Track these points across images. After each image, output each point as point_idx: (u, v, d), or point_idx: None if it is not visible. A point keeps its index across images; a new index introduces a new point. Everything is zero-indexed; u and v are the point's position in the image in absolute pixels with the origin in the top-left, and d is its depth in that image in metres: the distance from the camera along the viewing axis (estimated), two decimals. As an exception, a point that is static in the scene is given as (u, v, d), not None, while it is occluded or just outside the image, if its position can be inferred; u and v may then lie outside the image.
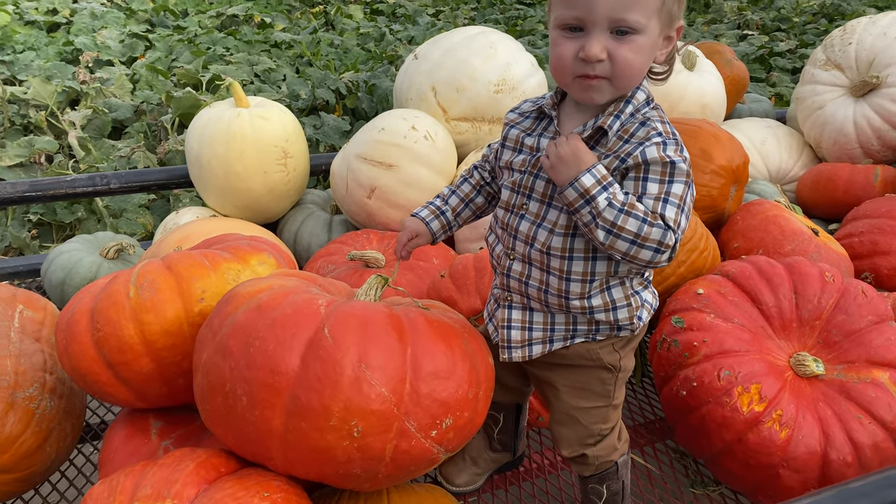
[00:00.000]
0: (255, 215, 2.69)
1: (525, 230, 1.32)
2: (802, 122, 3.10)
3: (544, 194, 1.30)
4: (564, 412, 1.47)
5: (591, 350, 1.40)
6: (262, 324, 1.21)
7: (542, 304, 1.37)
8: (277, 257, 1.68)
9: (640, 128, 1.22)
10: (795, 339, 1.79)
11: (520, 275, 1.36)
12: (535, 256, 1.32)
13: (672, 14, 1.20)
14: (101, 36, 6.61)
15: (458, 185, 1.54)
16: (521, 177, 1.33)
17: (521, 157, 1.34)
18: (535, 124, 1.37)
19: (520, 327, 1.42)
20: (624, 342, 1.43)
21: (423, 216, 1.50)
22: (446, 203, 1.52)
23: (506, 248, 1.38)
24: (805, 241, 2.11)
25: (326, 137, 4.85)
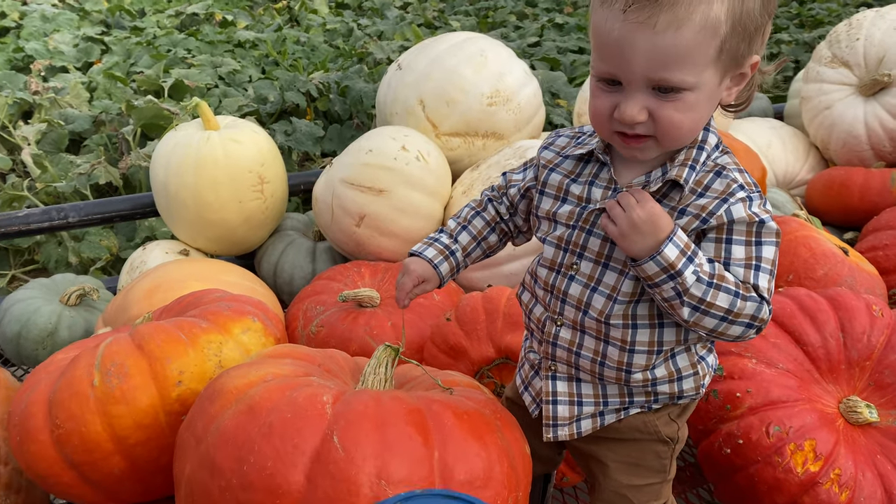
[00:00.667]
0: (230, 247, 2.46)
1: (577, 294, 1.13)
2: (808, 122, 2.94)
3: (600, 254, 1.11)
4: (613, 491, 1.27)
5: (647, 423, 1.22)
6: (257, 432, 1.00)
7: (594, 375, 1.19)
8: (264, 320, 1.46)
9: (715, 178, 1.04)
10: (844, 382, 1.62)
11: (569, 343, 1.17)
12: (589, 325, 1.14)
13: (738, 55, 0.99)
14: (54, 40, 6.25)
15: (469, 220, 1.29)
16: (570, 232, 1.13)
17: (568, 209, 1.14)
18: (580, 167, 1.16)
19: (567, 402, 1.22)
20: (680, 410, 1.26)
21: (430, 257, 1.25)
22: (455, 241, 1.28)
23: (551, 312, 1.18)
24: (838, 263, 1.94)
25: (299, 144, 4.59)
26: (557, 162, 1.19)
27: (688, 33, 0.92)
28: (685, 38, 0.92)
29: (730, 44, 0.96)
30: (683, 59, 0.94)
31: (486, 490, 1.02)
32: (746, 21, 0.96)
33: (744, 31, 0.96)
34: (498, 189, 1.32)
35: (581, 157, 1.16)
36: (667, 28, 0.92)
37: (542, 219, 1.20)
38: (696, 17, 0.92)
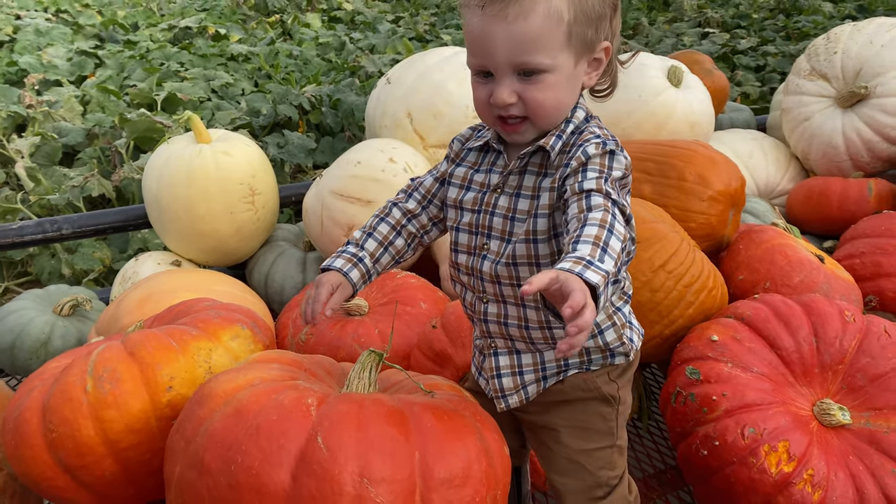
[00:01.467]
0: (222, 258, 2.50)
1: (489, 270, 1.24)
2: (789, 133, 3.01)
3: (503, 231, 1.23)
4: (566, 458, 1.33)
5: (587, 380, 1.31)
6: (244, 433, 1.04)
7: (527, 342, 1.29)
8: (252, 327, 1.50)
9: (576, 137, 1.19)
10: (818, 385, 1.67)
11: (497, 316, 1.28)
12: (507, 293, 1.25)
13: (588, 41, 1.15)
14: (48, 54, 6.30)
15: (374, 227, 1.35)
16: (477, 216, 1.26)
17: (472, 195, 1.27)
18: (481, 157, 1.30)
19: (510, 373, 1.32)
20: (619, 371, 1.34)
21: (339, 266, 1.29)
22: (362, 248, 1.32)
23: (476, 292, 1.29)
24: (813, 270, 1.99)
25: (291, 157, 4.64)
26: (463, 155, 1.33)
27: (535, 21, 1.07)
28: (534, 25, 1.08)
29: (576, 30, 1.11)
30: (536, 44, 1.09)
31: (465, 488, 1.07)
32: (588, 10, 1.12)
33: (587, 19, 1.12)
34: (407, 189, 1.40)
35: (480, 148, 1.30)
36: (517, 18, 1.07)
37: (449, 207, 1.31)
38: (540, 7, 1.07)
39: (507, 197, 1.23)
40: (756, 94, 5.92)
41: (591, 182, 1.08)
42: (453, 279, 1.36)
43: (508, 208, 1.22)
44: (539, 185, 1.21)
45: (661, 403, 1.76)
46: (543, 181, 1.20)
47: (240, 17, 8.66)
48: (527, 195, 1.21)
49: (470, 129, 1.36)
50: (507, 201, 1.22)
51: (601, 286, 0.94)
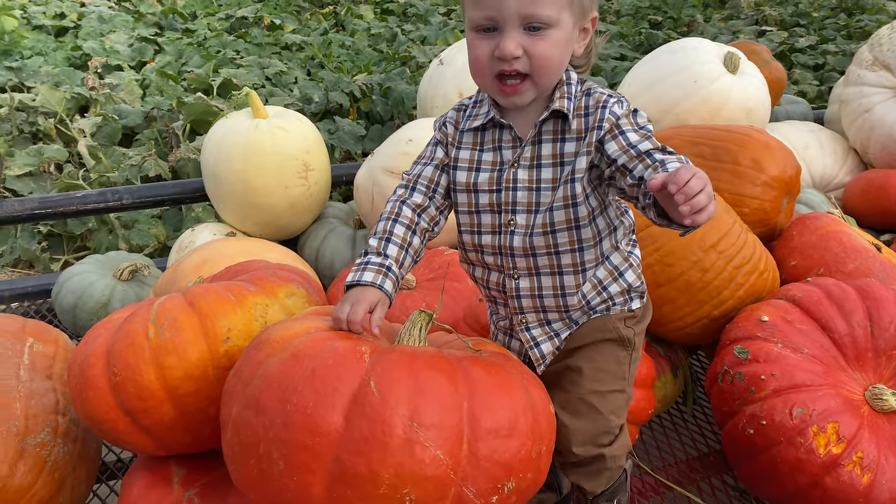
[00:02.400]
0: (276, 231, 2.56)
1: (521, 244, 1.26)
2: (848, 125, 2.94)
3: (529, 203, 1.25)
4: (580, 398, 1.34)
5: (606, 321, 1.35)
6: (300, 376, 1.08)
7: (560, 311, 1.33)
8: (307, 287, 1.54)
9: (588, 99, 1.23)
10: (871, 370, 1.64)
11: (530, 290, 1.31)
12: (542, 263, 1.28)
13: (584, 6, 1.20)
14: (110, 40, 6.49)
15: (390, 230, 1.29)
16: (496, 195, 1.26)
17: (486, 175, 1.27)
18: (481, 136, 1.30)
19: (546, 339, 1.37)
20: (636, 320, 1.39)
21: (371, 280, 1.22)
22: (386, 256, 1.26)
23: (505, 270, 1.31)
24: (869, 258, 1.95)
25: (342, 143, 4.71)
26: (459, 138, 1.31)
27: None
28: None
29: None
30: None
31: (511, 439, 1.08)
32: None
33: None
34: (406, 183, 1.35)
35: (479, 128, 1.30)
36: None
37: (460, 192, 1.30)
38: None
39: (526, 169, 1.24)
40: (814, 92, 5.78)
41: (645, 143, 1.16)
42: (471, 263, 1.36)
43: (531, 180, 1.24)
44: (561, 150, 1.23)
45: (707, 383, 1.75)
46: (565, 146, 1.23)
47: (294, 8, 8.79)
48: (548, 163, 1.24)
49: (454, 110, 1.35)
50: (528, 173, 1.24)
51: None
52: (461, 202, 1.31)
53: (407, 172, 1.37)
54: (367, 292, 1.21)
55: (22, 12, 7.31)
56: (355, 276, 1.23)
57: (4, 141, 4.70)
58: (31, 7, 7.67)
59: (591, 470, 1.38)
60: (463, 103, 1.35)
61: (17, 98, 4.86)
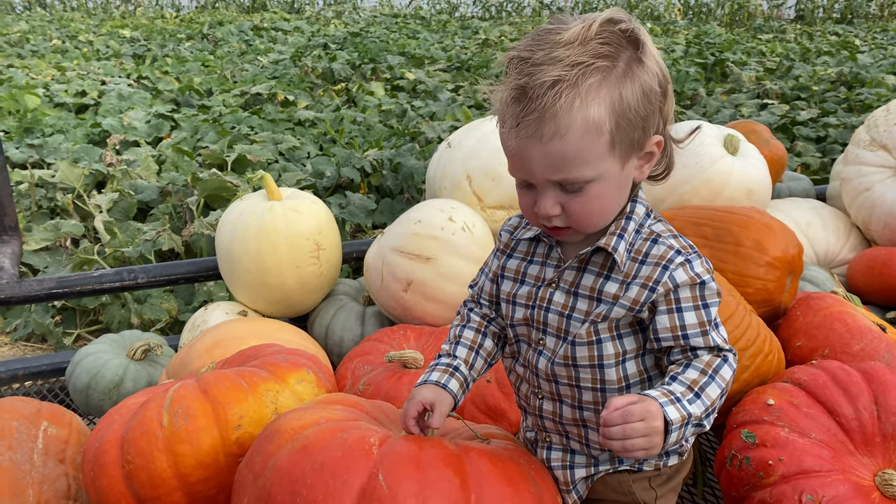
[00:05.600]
0: (286, 309, 2.60)
1: (545, 367, 1.23)
2: (849, 203, 2.99)
3: (559, 328, 1.21)
4: None
5: (622, 482, 1.28)
6: (309, 468, 1.10)
7: (582, 443, 1.28)
8: (317, 372, 1.57)
9: (652, 245, 1.15)
10: (879, 455, 1.64)
11: (552, 414, 1.28)
12: (564, 392, 1.24)
13: (635, 141, 1.09)
14: (128, 117, 6.71)
15: (460, 335, 1.34)
16: (532, 311, 1.24)
17: (526, 290, 1.25)
18: (533, 248, 1.27)
19: (561, 467, 1.32)
20: (664, 479, 1.31)
21: (436, 379, 1.26)
22: (455, 357, 1.31)
23: (532, 386, 1.29)
24: (875, 339, 1.97)
25: (352, 217, 4.81)
26: (513, 245, 1.29)
27: (573, 138, 1.02)
28: (572, 142, 1.02)
29: (620, 136, 1.06)
30: (576, 160, 1.04)
31: (519, 532, 1.09)
32: (631, 114, 1.05)
33: (631, 124, 1.06)
34: (472, 297, 1.39)
35: (531, 239, 1.26)
36: (552, 138, 1.02)
37: (503, 301, 1.29)
38: (577, 123, 1.01)
39: (563, 293, 1.20)
40: (817, 164, 5.87)
41: (697, 337, 1.13)
42: (510, 370, 1.36)
43: (565, 305, 1.19)
44: (601, 287, 1.16)
45: (716, 467, 1.75)
46: (606, 284, 1.16)
47: (307, 84, 9.08)
48: (585, 294, 1.18)
49: (518, 216, 1.31)
50: (564, 298, 1.20)
51: (677, 424, 1.04)
52: (503, 312, 1.30)
53: (473, 283, 1.38)
54: (426, 390, 1.25)
55: (45, 90, 7.59)
56: (425, 377, 1.28)
57: (23, 216, 4.81)
58: (54, 85, 7.97)
59: None
60: None
61: (37, 174, 5.00)
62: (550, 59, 1.01)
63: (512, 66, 1.05)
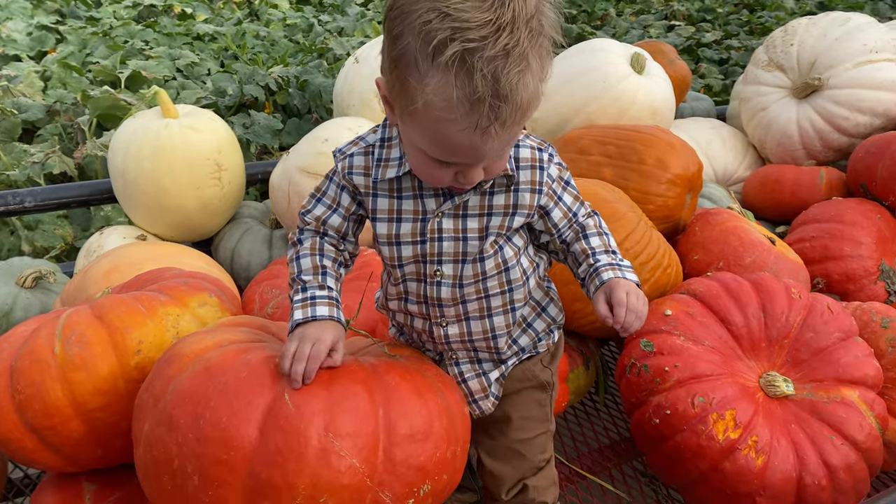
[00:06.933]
0: (188, 233, 2.50)
1: (449, 294, 1.23)
2: (746, 122, 3.10)
3: (456, 254, 1.20)
4: (507, 447, 1.39)
5: (525, 370, 1.37)
6: (213, 390, 1.07)
7: (491, 352, 1.32)
8: (220, 295, 1.53)
9: (518, 151, 1.19)
10: (765, 358, 1.75)
11: (460, 336, 1.29)
12: (472, 308, 1.26)
13: None
14: (7, 28, 6.15)
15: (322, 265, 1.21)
16: (422, 247, 1.20)
17: (409, 227, 1.18)
18: (397, 184, 1.18)
19: (475, 376, 1.35)
20: (550, 357, 1.41)
21: (327, 314, 1.16)
22: (329, 289, 1.20)
23: (434, 318, 1.27)
24: (764, 252, 2.08)
25: (258, 137, 4.63)
26: (374, 185, 1.18)
27: (518, 128, 1.02)
28: (517, 130, 1.03)
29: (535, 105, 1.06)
30: (516, 135, 1.06)
31: (427, 443, 1.11)
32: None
33: None
34: (315, 227, 1.24)
35: (389, 178, 1.17)
36: (514, 125, 0.99)
37: (382, 244, 1.22)
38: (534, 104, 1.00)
39: (451, 219, 1.18)
40: (719, 86, 6.04)
41: (580, 210, 1.27)
42: (393, 311, 1.32)
43: (456, 230, 1.18)
44: (490, 203, 1.17)
45: (617, 375, 1.83)
46: (493, 199, 1.17)
47: (206, -4, 8.53)
48: (475, 214, 1.18)
49: (359, 153, 1.19)
50: (453, 223, 1.18)
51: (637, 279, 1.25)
52: (384, 256, 1.24)
53: (307, 212, 1.23)
54: (325, 328, 1.13)
55: None
56: (309, 313, 1.14)
57: None
58: (-82, -9, 7.19)
59: (515, 502, 1.41)
60: (367, 141, 1.20)
61: None
62: (504, 51, 0.92)
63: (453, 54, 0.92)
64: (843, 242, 2.34)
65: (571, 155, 2.42)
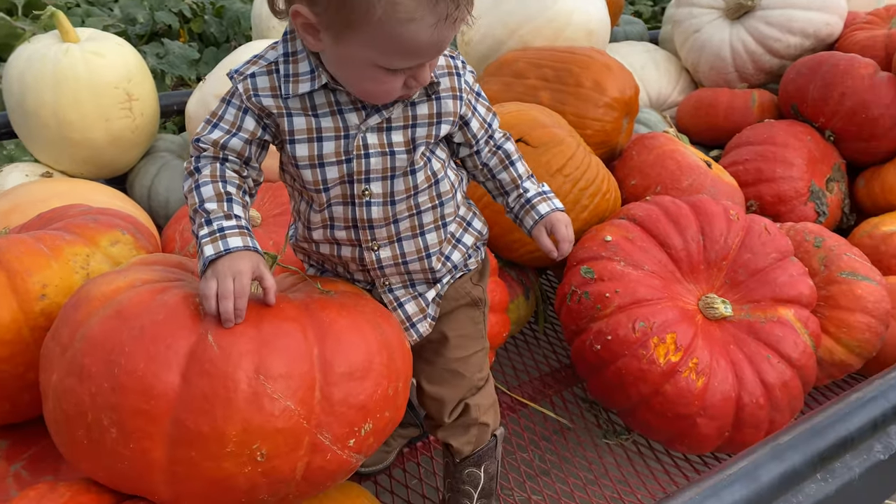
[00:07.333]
0: (98, 169, 2.32)
1: (380, 214, 1.17)
2: (680, 45, 3.06)
3: (385, 169, 1.14)
4: (444, 368, 1.36)
5: (458, 288, 1.34)
6: (127, 335, 0.97)
7: (426, 272, 1.27)
8: (134, 233, 1.40)
9: None
10: (703, 281, 1.75)
11: (393, 258, 1.23)
12: (404, 227, 1.20)
13: None
14: None
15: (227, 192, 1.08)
16: (348, 165, 1.12)
17: (333, 146, 1.10)
18: (310, 99, 1.09)
19: (411, 299, 1.30)
20: (479, 275, 1.38)
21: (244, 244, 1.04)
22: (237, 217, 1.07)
23: (362, 244, 1.19)
24: (701, 175, 2.06)
25: (173, 68, 4.35)
26: (284, 105, 1.08)
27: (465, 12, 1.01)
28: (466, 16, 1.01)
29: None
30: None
31: (366, 381, 1.05)
32: None
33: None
34: (213, 153, 1.10)
35: (309, 91, 1.08)
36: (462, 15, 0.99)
37: (303, 168, 1.12)
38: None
39: (376, 133, 1.12)
40: (648, 13, 5.99)
41: (494, 122, 1.27)
42: (317, 242, 1.22)
43: (382, 144, 1.12)
44: (414, 113, 1.14)
45: (557, 304, 1.80)
46: (417, 108, 1.14)
47: (109, -85, 7.88)
48: (399, 126, 1.13)
49: (262, 73, 1.08)
50: (378, 137, 1.12)
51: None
52: (307, 179, 1.13)
53: (202, 138, 1.09)
54: (242, 260, 1.02)
55: None
56: (221, 246, 1.02)
57: None
58: None
59: (458, 425, 1.38)
60: (267, 59, 1.09)
61: None
62: None
63: None
64: (775, 164, 2.35)
65: (507, 79, 2.33)
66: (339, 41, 0.99)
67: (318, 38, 1.00)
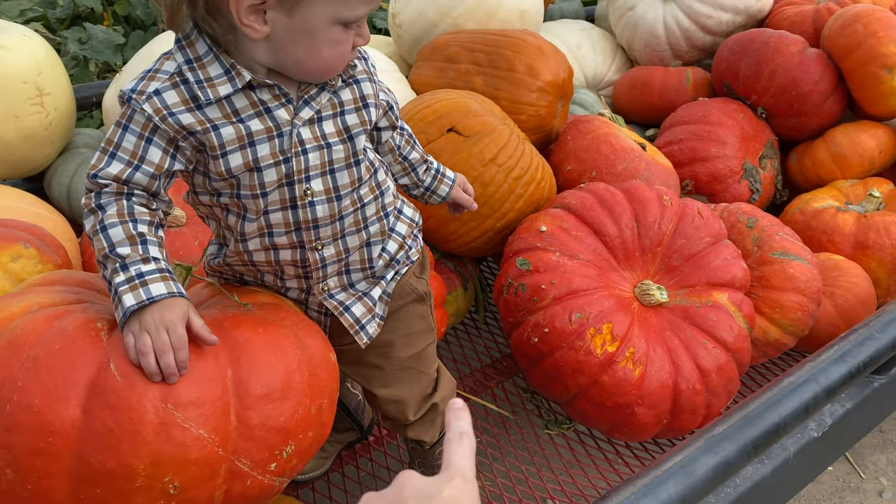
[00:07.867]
0: (11, 169, 2.19)
1: (325, 212, 1.11)
2: (615, 23, 3.04)
3: (323, 164, 1.09)
4: (398, 369, 1.34)
5: (403, 285, 1.31)
6: (19, 368, 0.90)
7: (365, 269, 1.23)
8: (39, 246, 1.31)
9: None
10: (639, 267, 1.74)
11: (336, 255, 1.18)
12: (349, 222, 1.16)
13: None
14: None
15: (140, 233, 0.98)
16: (287, 165, 1.06)
17: (267, 147, 1.04)
18: (229, 106, 1.01)
19: (356, 300, 1.24)
20: (420, 267, 1.36)
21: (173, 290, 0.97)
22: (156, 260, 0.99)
23: (308, 244, 1.13)
24: (636, 158, 2.04)
25: (97, 54, 4.15)
26: (206, 118, 1.00)
27: None
28: None
29: None
30: None
31: (286, 401, 1.00)
32: None
33: None
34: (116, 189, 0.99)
35: (220, 99, 1.00)
36: None
37: (238, 177, 1.04)
38: None
39: (308, 126, 1.07)
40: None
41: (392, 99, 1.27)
42: (250, 252, 1.13)
43: (317, 137, 1.07)
44: (340, 99, 1.11)
45: (495, 296, 1.77)
46: (341, 94, 1.11)
47: None
48: (328, 115, 1.09)
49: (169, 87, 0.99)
50: (311, 131, 1.07)
51: None
52: (244, 184, 1.05)
53: (99, 176, 0.98)
54: (170, 310, 0.94)
55: None
56: (139, 296, 0.93)
57: None
58: None
59: (426, 421, 1.40)
60: (167, 71, 0.99)
61: None
62: None
63: None
64: (709, 143, 2.35)
65: (440, 63, 2.27)
66: (294, 10, 0.95)
67: (265, 21, 0.95)
